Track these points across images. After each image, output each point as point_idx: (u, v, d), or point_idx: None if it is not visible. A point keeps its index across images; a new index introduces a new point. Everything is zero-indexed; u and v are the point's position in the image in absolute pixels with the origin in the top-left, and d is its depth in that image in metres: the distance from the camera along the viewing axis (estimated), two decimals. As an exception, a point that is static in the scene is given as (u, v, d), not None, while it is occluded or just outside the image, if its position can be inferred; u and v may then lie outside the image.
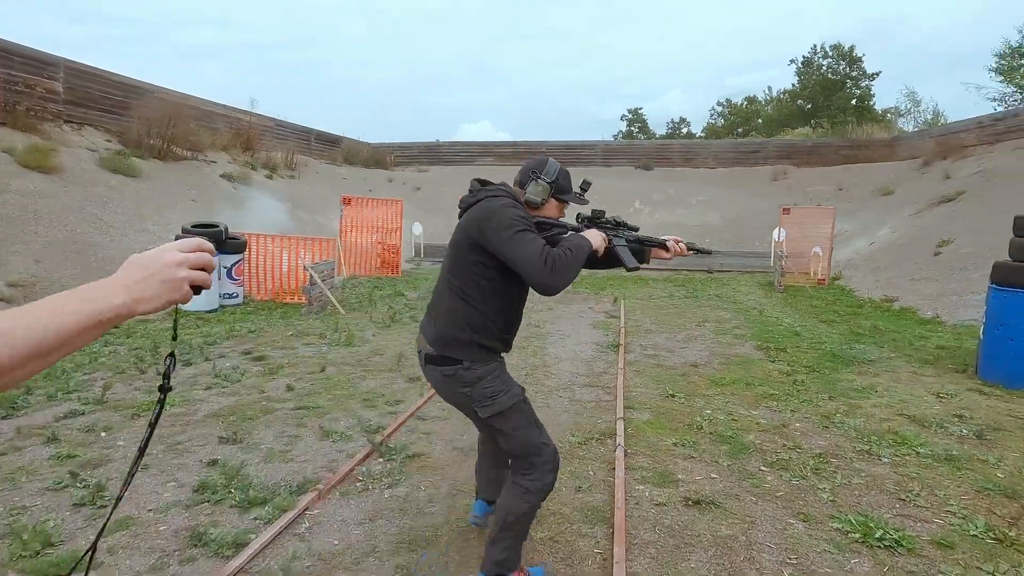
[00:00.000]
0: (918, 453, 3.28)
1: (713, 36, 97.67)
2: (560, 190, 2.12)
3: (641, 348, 5.94)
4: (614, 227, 2.22)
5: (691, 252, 2.29)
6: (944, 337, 6.50)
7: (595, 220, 2.22)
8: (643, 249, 2.23)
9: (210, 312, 7.25)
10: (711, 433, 3.57)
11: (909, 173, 17.11)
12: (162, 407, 0.84)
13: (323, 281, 8.09)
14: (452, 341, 1.96)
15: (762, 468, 3.11)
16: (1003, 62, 17.59)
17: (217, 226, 7.94)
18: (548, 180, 2.10)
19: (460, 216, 2.11)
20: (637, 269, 2.17)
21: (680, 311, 8.21)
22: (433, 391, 2.61)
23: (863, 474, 3.04)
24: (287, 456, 3.17)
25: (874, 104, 32.23)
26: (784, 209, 11.73)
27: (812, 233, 11.84)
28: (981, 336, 4.88)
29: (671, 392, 4.38)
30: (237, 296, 7.98)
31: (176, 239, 1.08)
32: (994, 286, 4.78)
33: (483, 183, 2.17)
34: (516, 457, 2.02)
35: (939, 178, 14.89)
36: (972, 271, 9.02)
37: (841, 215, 16.89)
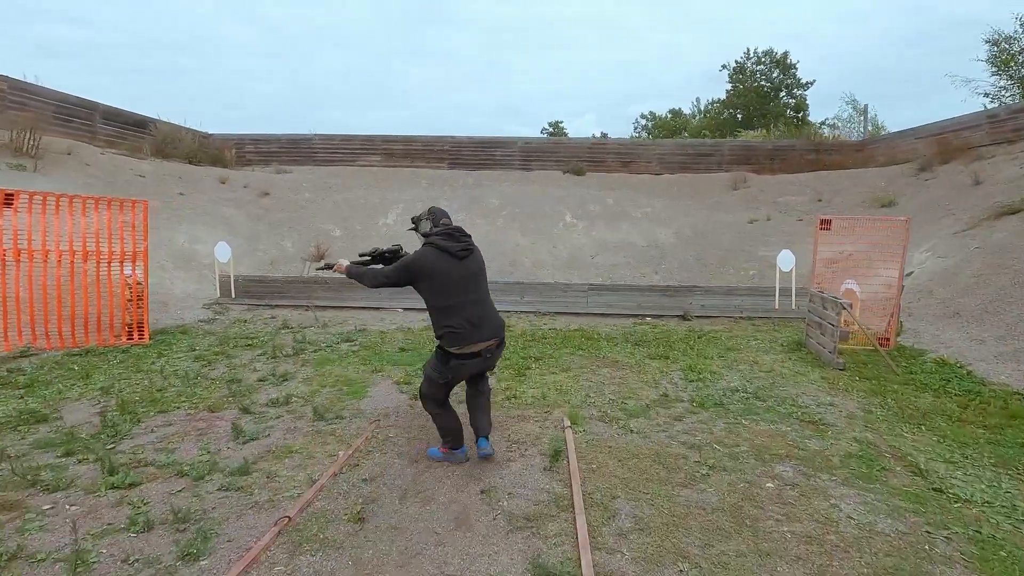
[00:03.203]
0: None
1: (603, 67, 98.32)
2: None
3: None
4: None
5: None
6: None
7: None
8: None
9: None
10: None
11: (905, 179, 13.54)
12: None
13: None
14: (503, 326, 3.27)
15: None
16: (996, 49, 14.67)
17: None
18: None
19: (464, 254, 3.11)
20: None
21: (729, 478, 3.15)
22: None
23: None
24: None
25: (808, 115, 30.10)
26: (823, 221, 7.15)
27: (860, 256, 7.39)
28: None
29: None
30: None
31: None
32: None
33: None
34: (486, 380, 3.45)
35: (965, 183, 11.21)
36: None
37: (837, 233, 13.04)
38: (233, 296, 9.22)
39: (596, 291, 9.09)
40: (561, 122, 52.66)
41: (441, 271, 2.99)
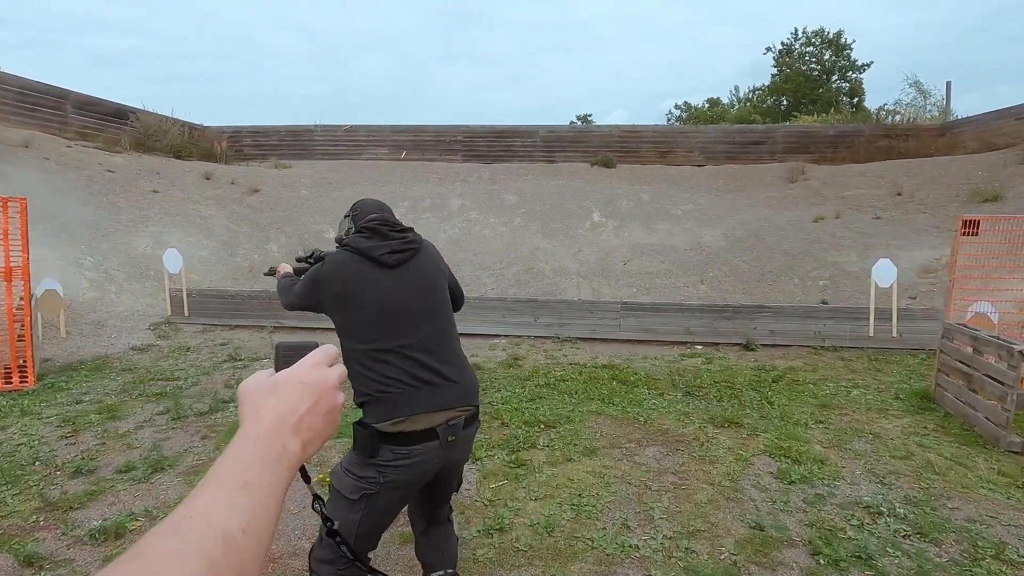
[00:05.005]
0: None
1: (638, 65, 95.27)
2: None
3: None
4: None
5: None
6: None
7: None
8: None
9: None
10: None
11: (1010, 167, 11.14)
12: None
13: None
14: (477, 387, 1.80)
15: None
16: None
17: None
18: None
19: (400, 259, 1.75)
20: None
21: None
22: None
23: None
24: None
25: (864, 100, 27.23)
26: (966, 223, 4.94)
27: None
28: None
29: None
30: None
31: (283, 357, 0.61)
32: None
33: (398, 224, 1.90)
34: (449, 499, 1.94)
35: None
36: None
37: (917, 232, 10.76)
38: (186, 314, 7.60)
39: (631, 311, 7.14)
40: (590, 115, 50.27)
41: (361, 290, 1.70)
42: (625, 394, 4.96)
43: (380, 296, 1.66)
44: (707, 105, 40.39)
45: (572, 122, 46.77)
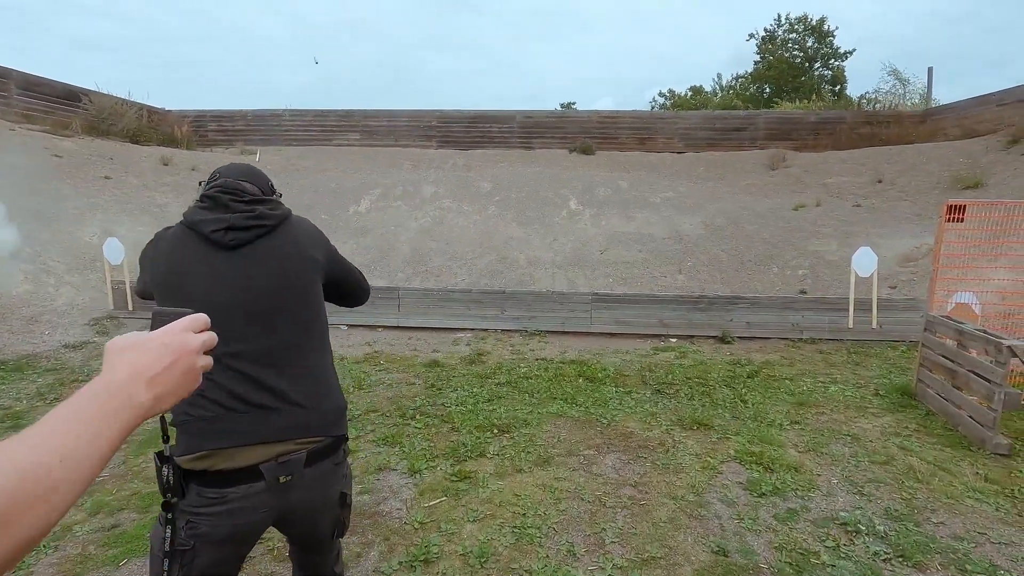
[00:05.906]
0: None
1: (627, 54, 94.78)
2: None
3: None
4: None
5: None
6: None
7: None
8: None
9: None
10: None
11: (992, 154, 10.97)
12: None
13: None
14: (341, 412, 1.38)
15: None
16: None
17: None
18: None
19: (240, 238, 1.27)
20: None
21: None
22: None
23: None
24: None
25: (846, 88, 27.10)
26: (951, 208, 4.62)
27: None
28: None
29: None
30: None
31: (158, 320, 0.69)
32: None
33: (250, 192, 1.34)
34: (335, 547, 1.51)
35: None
36: None
37: (898, 220, 10.56)
38: (131, 308, 7.11)
39: (603, 302, 6.80)
40: (573, 103, 49.63)
41: (184, 276, 1.27)
42: (591, 393, 4.63)
43: (207, 285, 1.24)
44: (690, 92, 40.10)
45: (555, 109, 46.09)
